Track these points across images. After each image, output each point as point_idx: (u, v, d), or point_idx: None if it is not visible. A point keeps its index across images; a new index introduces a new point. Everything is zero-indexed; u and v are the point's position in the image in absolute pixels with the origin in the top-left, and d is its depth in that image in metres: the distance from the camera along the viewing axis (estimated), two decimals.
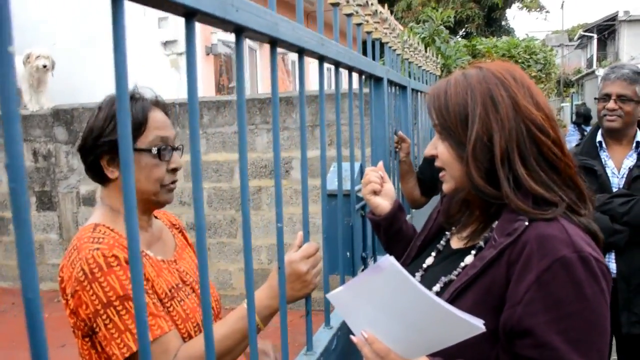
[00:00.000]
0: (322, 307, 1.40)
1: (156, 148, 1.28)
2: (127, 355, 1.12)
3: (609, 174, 2.45)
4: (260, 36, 0.93)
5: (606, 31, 28.45)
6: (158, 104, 1.35)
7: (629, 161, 2.44)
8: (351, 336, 1.06)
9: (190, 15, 0.72)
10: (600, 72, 21.11)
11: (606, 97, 2.43)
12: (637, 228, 2.32)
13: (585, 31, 30.48)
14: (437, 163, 1.15)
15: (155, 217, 1.45)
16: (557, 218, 1.01)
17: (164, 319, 1.19)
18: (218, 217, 5.16)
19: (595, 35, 29.23)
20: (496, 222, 1.09)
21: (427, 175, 2.72)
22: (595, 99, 2.51)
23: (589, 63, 29.98)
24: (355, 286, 1.01)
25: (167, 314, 1.23)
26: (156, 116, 1.32)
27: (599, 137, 2.53)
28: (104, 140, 1.26)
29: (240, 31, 0.86)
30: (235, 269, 5.19)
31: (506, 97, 1.05)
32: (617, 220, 2.33)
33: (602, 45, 29.84)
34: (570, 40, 35.96)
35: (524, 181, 1.02)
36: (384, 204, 1.50)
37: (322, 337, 1.34)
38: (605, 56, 28.56)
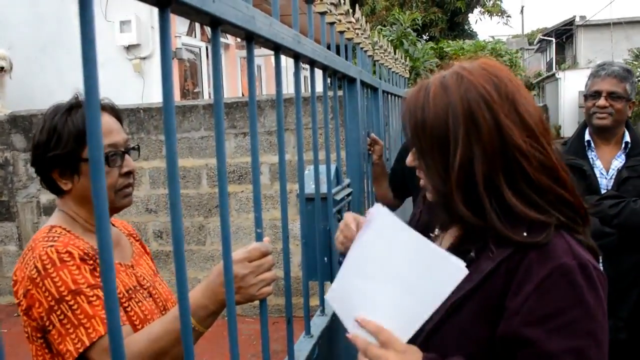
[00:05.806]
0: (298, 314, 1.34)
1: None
2: (81, 350, 1.09)
3: (597, 175, 2.36)
4: (236, 30, 0.88)
5: (564, 35, 29.18)
6: (105, 107, 1.31)
7: (618, 162, 2.35)
8: (347, 334, 1.00)
9: (164, 5, 0.67)
10: (560, 74, 21.65)
11: (596, 95, 2.35)
12: (626, 231, 2.22)
13: (544, 35, 31.21)
14: (418, 174, 1.08)
15: (113, 225, 1.44)
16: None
17: (99, 319, 1.11)
18: (186, 224, 5.03)
19: (553, 40, 29.95)
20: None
21: (399, 178, 2.69)
22: (584, 96, 2.45)
23: (549, 66, 30.70)
24: (350, 259, 1.02)
25: (125, 314, 1.21)
26: (102, 122, 1.25)
27: (587, 136, 2.44)
28: (50, 155, 1.25)
29: (216, 24, 0.81)
30: (204, 277, 5.07)
31: (489, 119, 0.95)
32: (607, 223, 2.23)
33: (561, 49, 30.59)
34: (530, 44, 36.75)
35: (514, 207, 0.95)
36: None
37: (303, 347, 1.29)
38: (564, 59, 29.28)
